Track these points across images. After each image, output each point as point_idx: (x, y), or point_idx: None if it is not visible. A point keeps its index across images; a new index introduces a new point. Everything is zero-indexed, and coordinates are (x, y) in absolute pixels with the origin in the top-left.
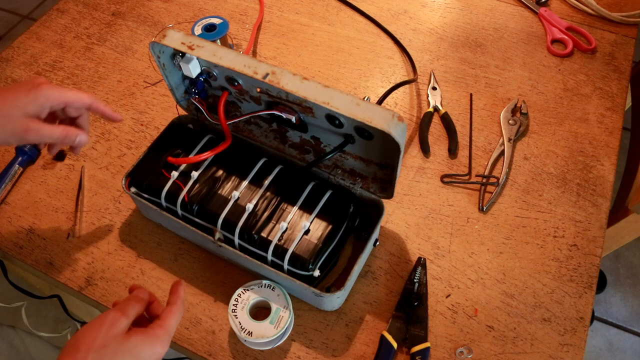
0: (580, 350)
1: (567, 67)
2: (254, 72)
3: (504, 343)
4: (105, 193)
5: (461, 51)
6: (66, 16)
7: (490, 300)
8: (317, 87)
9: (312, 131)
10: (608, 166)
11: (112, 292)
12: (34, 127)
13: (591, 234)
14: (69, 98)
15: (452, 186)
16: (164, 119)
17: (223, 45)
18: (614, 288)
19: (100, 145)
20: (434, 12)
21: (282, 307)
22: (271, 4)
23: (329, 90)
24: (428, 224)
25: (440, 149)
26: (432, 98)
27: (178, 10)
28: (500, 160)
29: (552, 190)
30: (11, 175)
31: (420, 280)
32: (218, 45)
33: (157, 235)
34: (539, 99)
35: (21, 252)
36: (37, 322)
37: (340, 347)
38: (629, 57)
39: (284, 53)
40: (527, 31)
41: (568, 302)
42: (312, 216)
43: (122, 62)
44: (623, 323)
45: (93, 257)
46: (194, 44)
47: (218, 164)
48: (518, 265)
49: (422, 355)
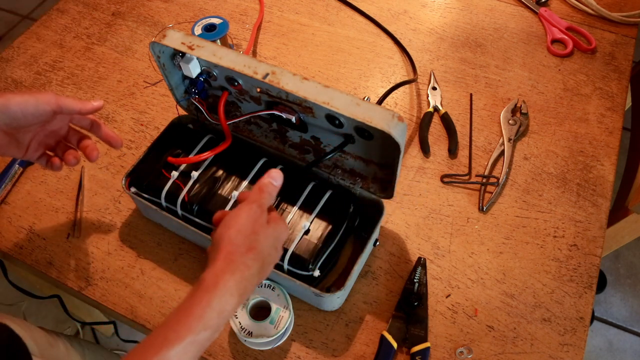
0: (580, 350)
1: (567, 67)
2: (254, 72)
3: (504, 343)
4: (105, 193)
5: (461, 51)
6: (66, 16)
7: (490, 300)
8: (317, 87)
9: (312, 131)
10: (608, 166)
11: (112, 292)
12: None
13: (591, 234)
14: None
15: (452, 186)
16: (164, 119)
17: (223, 45)
18: (614, 288)
19: (100, 145)
20: (434, 12)
21: (282, 307)
22: (271, 4)
23: (329, 90)
24: (428, 224)
25: (440, 149)
26: (432, 98)
27: (178, 10)
28: (500, 160)
29: (552, 190)
30: (11, 175)
31: (420, 280)
32: (218, 45)
33: (157, 235)
34: (539, 99)
35: (21, 252)
36: (37, 322)
37: (340, 347)
38: (629, 57)
39: (284, 53)
40: (527, 31)
41: (568, 302)
42: (312, 216)
43: (122, 62)
44: (623, 323)
45: (93, 257)
46: (194, 44)
47: (218, 164)
48: (518, 265)
49: (422, 355)
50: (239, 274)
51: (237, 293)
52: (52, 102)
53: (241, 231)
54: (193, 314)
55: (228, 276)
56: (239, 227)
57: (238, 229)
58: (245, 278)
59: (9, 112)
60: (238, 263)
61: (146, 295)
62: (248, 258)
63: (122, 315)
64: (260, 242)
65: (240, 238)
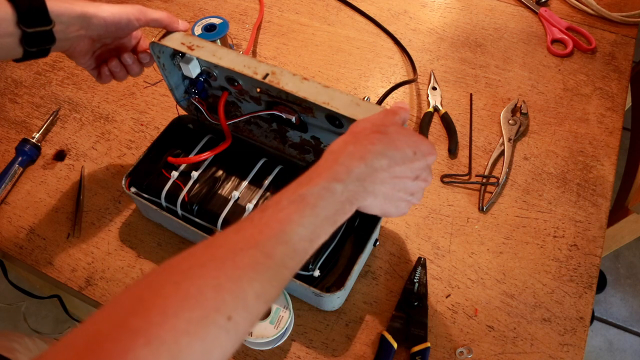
0: (580, 350)
1: (567, 67)
2: (254, 72)
3: (504, 343)
4: (105, 193)
5: (461, 51)
6: None
7: (490, 300)
8: (317, 87)
9: (312, 131)
10: (608, 166)
11: (112, 292)
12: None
13: (591, 234)
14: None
15: (452, 186)
16: (164, 119)
17: (223, 45)
18: (614, 288)
19: (100, 145)
20: (434, 12)
21: (282, 307)
22: (271, 4)
23: (329, 91)
24: (428, 224)
25: (440, 149)
26: (432, 98)
27: (178, 10)
28: (500, 160)
29: (552, 190)
30: (11, 175)
31: (420, 280)
32: (218, 46)
33: (157, 235)
34: (539, 99)
35: (21, 252)
36: (37, 322)
37: (340, 347)
38: (629, 57)
39: (284, 53)
40: (527, 31)
41: (568, 302)
42: None
43: None
44: (623, 323)
45: (93, 257)
46: (194, 44)
47: (218, 164)
48: (518, 265)
49: (422, 355)
50: (360, 143)
51: (359, 156)
52: (141, 19)
53: (369, 119)
54: (320, 168)
55: (350, 145)
56: (368, 119)
57: (367, 119)
58: (367, 149)
59: (105, 24)
60: (361, 136)
61: None
62: (374, 135)
63: None
64: (392, 132)
65: (370, 122)
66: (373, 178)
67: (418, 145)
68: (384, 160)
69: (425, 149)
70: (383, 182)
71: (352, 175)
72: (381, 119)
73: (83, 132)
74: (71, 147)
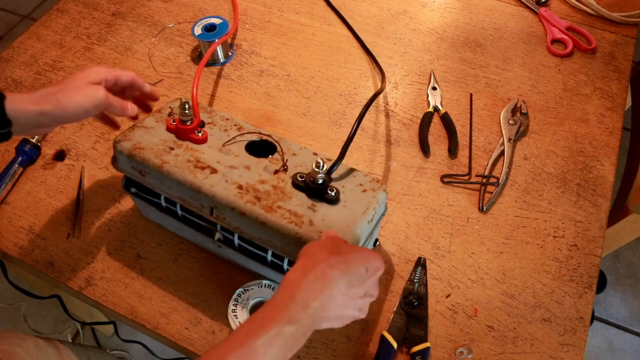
0: (580, 350)
1: (567, 67)
2: (200, 206)
3: (504, 343)
4: (105, 193)
5: (461, 51)
6: (66, 16)
7: (490, 300)
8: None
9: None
10: (608, 166)
11: (112, 292)
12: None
13: (591, 234)
14: (117, 71)
15: (452, 186)
16: None
17: (223, 46)
18: (614, 288)
19: (100, 145)
20: (434, 12)
21: None
22: (271, 4)
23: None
24: (428, 224)
25: (440, 149)
26: (432, 98)
27: (178, 10)
28: (500, 160)
29: (552, 190)
30: (11, 175)
31: (420, 280)
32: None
33: (157, 235)
34: (539, 99)
35: (21, 252)
36: (37, 322)
37: (340, 347)
38: (629, 57)
39: (284, 53)
40: (527, 31)
41: (568, 302)
42: None
43: (122, 62)
44: (623, 323)
45: (93, 257)
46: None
47: None
48: (518, 265)
49: (422, 355)
50: (319, 270)
51: (319, 288)
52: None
53: (324, 242)
54: (277, 307)
55: (309, 273)
56: (323, 240)
57: (321, 241)
58: (329, 277)
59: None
60: (319, 261)
61: (146, 295)
62: (332, 258)
63: (122, 315)
64: (345, 252)
65: (322, 245)
66: (329, 306)
67: (370, 261)
68: (342, 285)
69: (375, 264)
70: (338, 307)
71: (307, 312)
72: (331, 240)
73: (83, 132)
74: (71, 147)
